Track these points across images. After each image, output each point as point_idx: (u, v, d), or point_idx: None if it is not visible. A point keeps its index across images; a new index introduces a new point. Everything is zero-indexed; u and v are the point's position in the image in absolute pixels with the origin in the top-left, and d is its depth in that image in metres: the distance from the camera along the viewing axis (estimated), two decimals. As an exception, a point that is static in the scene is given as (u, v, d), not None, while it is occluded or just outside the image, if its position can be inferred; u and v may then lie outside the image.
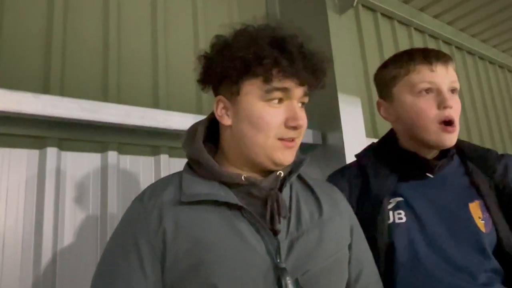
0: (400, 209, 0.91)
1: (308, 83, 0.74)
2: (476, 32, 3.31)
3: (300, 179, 0.84)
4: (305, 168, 0.80)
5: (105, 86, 1.45)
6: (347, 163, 1.15)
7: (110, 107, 1.30)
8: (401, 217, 0.91)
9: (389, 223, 0.91)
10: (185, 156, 0.80)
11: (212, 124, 0.82)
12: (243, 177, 0.73)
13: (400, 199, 0.93)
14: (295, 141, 0.74)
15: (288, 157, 0.74)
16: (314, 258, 0.70)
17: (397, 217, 0.91)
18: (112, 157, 1.38)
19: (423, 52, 0.94)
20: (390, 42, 2.71)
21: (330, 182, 0.97)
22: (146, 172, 1.48)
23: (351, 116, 1.83)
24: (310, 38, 0.75)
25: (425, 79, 0.90)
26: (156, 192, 0.74)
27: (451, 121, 0.88)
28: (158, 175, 1.48)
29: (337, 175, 1.07)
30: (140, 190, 0.77)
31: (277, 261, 0.67)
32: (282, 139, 0.72)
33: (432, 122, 0.89)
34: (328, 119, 1.83)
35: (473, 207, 0.89)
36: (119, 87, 1.48)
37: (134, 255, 0.67)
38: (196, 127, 0.80)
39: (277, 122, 0.71)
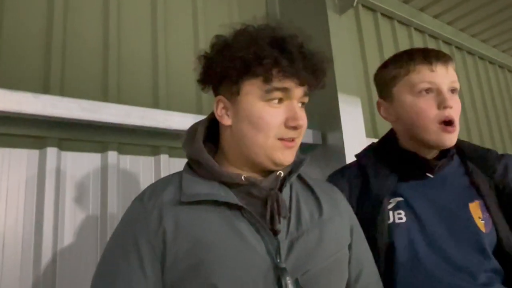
0: (400, 209, 0.92)
1: (308, 83, 0.74)
2: (476, 32, 3.31)
3: (300, 179, 0.84)
4: (305, 168, 0.80)
5: (105, 86, 1.45)
6: (347, 163, 1.15)
7: (110, 107, 1.30)
8: (401, 217, 0.91)
9: (389, 223, 0.91)
10: (185, 156, 0.80)
11: (212, 124, 0.82)
12: (243, 177, 0.73)
13: (400, 199, 0.93)
14: (295, 141, 0.74)
15: (288, 157, 0.74)
16: (314, 258, 0.70)
17: (397, 217, 0.91)
18: (112, 157, 1.38)
19: (423, 52, 0.94)
20: (390, 42, 2.71)
21: (330, 182, 0.97)
22: (146, 172, 1.48)
23: (351, 116, 1.83)
24: (310, 38, 0.75)
25: (425, 79, 0.90)
26: (156, 192, 0.74)
27: (451, 121, 0.88)
28: (158, 175, 1.48)
29: (337, 175, 1.07)
30: (140, 190, 0.77)
31: (277, 261, 0.67)
32: (282, 139, 0.72)
33: (432, 122, 0.89)
34: (328, 119, 1.83)
35: (473, 207, 0.89)
36: (119, 87, 1.48)
37: (134, 255, 0.67)
38: (196, 127, 0.80)
39: (277, 122, 0.71)
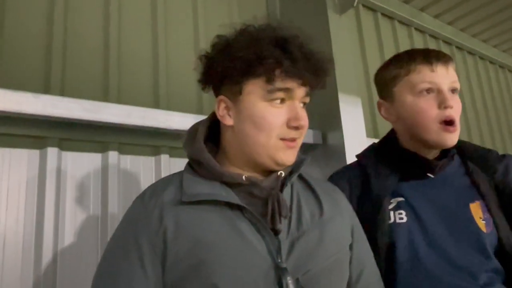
0: (401, 209, 0.92)
1: (310, 84, 0.74)
2: (476, 32, 3.31)
3: (301, 179, 0.84)
4: (306, 168, 0.80)
5: (105, 86, 1.45)
6: (348, 163, 1.15)
7: (110, 107, 1.30)
8: (402, 217, 0.91)
9: (389, 223, 0.91)
10: (185, 156, 0.80)
11: (212, 124, 0.82)
12: (244, 177, 0.73)
13: (401, 199, 0.93)
14: (297, 141, 0.74)
15: (290, 157, 0.74)
16: (315, 258, 0.70)
17: (397, 217, 0.91)
18: (113, 157, 1.38)
19: (423, 52, 0.94)
20: (390, 42, 2.70)
21: (331, 182, 0.97)
22: (146, 172, 1.48)
23: (351, 116, 1.82)
24: (311, 38, 0.75)
25: (425, 79, 0.90)
26: (157, 192, 0.74)
27: (452, 120, 0.89)
28: (159, 175, 1.47)
29: (338, 175, 1.07)
30: (141, 190, 0.77)
31: (278, 261, 0.67)
32: (284, 139, 0.72)
33: (433, 121, 0.89)
34: (329, 119, 1.82)
35: (474, 207, 0.89)
36: (120, 87, 1.48)
37: (135, 254, 0.67)
38: (197, 127, 0.80)
39: (279, 122, 0.71)
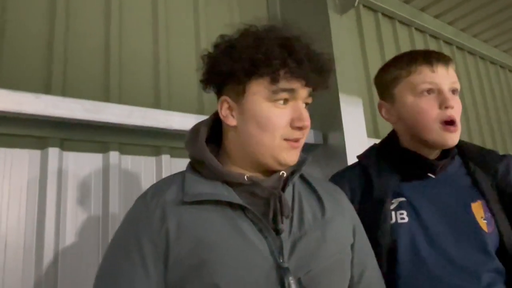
0: (403, 209, 0.92)
1: (314, 84, 0.74)
2: (477, 32, 3.31)
3: (303, 179, 0.84)
4: (306, 168, 0.80)
5: (106, 86, 1.45)
6: (348, 163, 1.15)
7: (111, 107, 1.30)
8: (404, 217, 0.91)
9: (391, 223, 0.91)
10: (186, 156, 0.80)
11: (214, 124, 0.82)
12: (246, 177, 0.73)
13: (403, 199, 0.93)
14: (300, 142, 0.75)
15: (293, 157, 0.74)
16: (317, 258, 0.70)
17: (399, 217, 0.91)
18: (114, 157, 1.38)
19: (424, 53, 0.95)
20: (391, 42, 2.71)
21: (332, 182, 0.97)
22: (147, 172, 1.48)
23: (352, 116, 1.82)
24: (311, 38, 0.75)
25: (426, 79, 0.91)
26: (158, 191, 0.74)
27: (452, 121, 0.89)
28: (160, 175, 1.48)
29: (339, 175, 1.07)
30: (142, 191, 0.77)
31: (280, 260, 0.67)
32: (287, 140, 0.72)
33: (434, 122, 0.89)
34: (329, 119, 1.83)
35: (475, 207, 0.89)
36: (121, 87, 1.48)
37: (137, 254, 0.67)
38: (199, 127, 0.80)
39: (283, 123, 0.71)
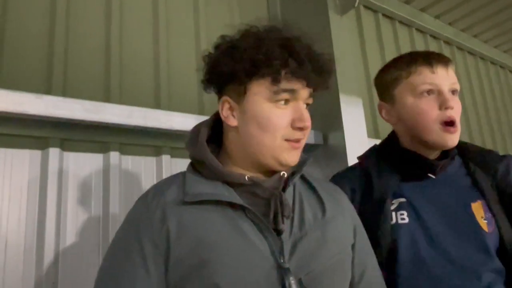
0: (403, 210, 0.92)
1: (315, 85, 0.74)
2: (477, 33, 3.31)
3: (303, 179, 0.84)
4: (307, 168, 0.81)
5: (107, 86, 1.45)
6: (349, 163, 1.15)
7: (112, 107, 1.30)
8: (404, 217, 0.91)
9: (392, 224, 0.91)
10: (187, 157, 0.80)
11: (215, 124, 0.82)
12: (246, 177, 0.73)
13: (403, 199, 0.93)
14: (301, 142, 0.75)
15: (294, 157, 0.74)
16: (318, 258, 0.71)
17: (399, 217, 0.91)
18: (114, 157, 1.38)
19: (423, 54, 0.95)
20: (391, 43, 2.71)
21: (332, 183, 0.97)
22: (148, 172, 1.48)
23: (352, 117, 1.82)
24: (312, 39, 0.75)
25: (426, 80, 0.91)
26: (159, 192, 0.74)
27: (452, 121, 0.89)
28: (160, 175, 1.48)
29: (339, 176, 1.07)
30: (142, 191, 0.78)
31: (281, 261, 0.67)
32: (288, 140, 0.72)
33: (434, 122, 0.90)
34: (330, 119, 1.83)
35: (476, 207, 0.89)
36: (121, 87, 1.48)
37: (138, 254, 0.67)
38: (200, 127, 0.80)
39: (284, 123, 0.71)
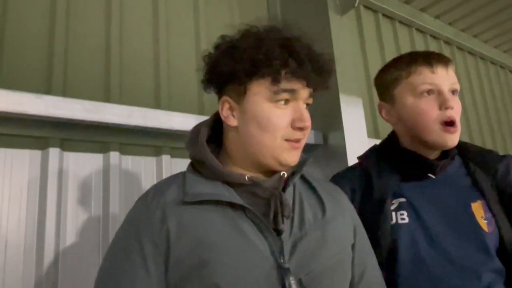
0: (403, 210, 0.92)
1: (315, 85, 0.74)
2: (477, 33, 3.31)
3: (303, 179, 0.84)
4: (307, 168, 0.81)
5: (107, 86, 1.45)
6: (349, 163, 1.15)
7: (112, 107, 1.31)
8: (404, 217, 0.91)
9: (392, 224, 0.91)
10: (187, 157, 0.80)
11: (215, 124, 0.82)
12: (246, 177, 0.73)
13: (403, 199, 0.93)
14: (301, 142, 0.75)
15: (294, 157, 0.74)
16: (318, 258, 0.71)
17: (399, 217, 0.91)
18: (114, 157, 1.38)
19: (423, 54, 0.95)
20: (391, 43, 2.71)
21: (332, 183, 0.97)
22: (148, 172, 1.48)
23: (352, 117, 1.82)
24: (312, 39, 0.75)
25: (426, 80, 0.91)
26: (159, 192, 0.74)
27: (452, 121, 0.89)
28: (160, 175, 1.48)
29: (339, 176, 1.07)
30: (142, 191, 0.78)
31: (281, 261, 0.67)
32: (288, 140, 0.72)
33: (434, 122, 0.90)
34: (330, 119, 1.83)
35: (476, 207, 0.89)
36: (121, 87, 1.48)
37: (138, 254, 0.67)
38: (200, 127, 0.80)
39: (284, 123, 0.71)
